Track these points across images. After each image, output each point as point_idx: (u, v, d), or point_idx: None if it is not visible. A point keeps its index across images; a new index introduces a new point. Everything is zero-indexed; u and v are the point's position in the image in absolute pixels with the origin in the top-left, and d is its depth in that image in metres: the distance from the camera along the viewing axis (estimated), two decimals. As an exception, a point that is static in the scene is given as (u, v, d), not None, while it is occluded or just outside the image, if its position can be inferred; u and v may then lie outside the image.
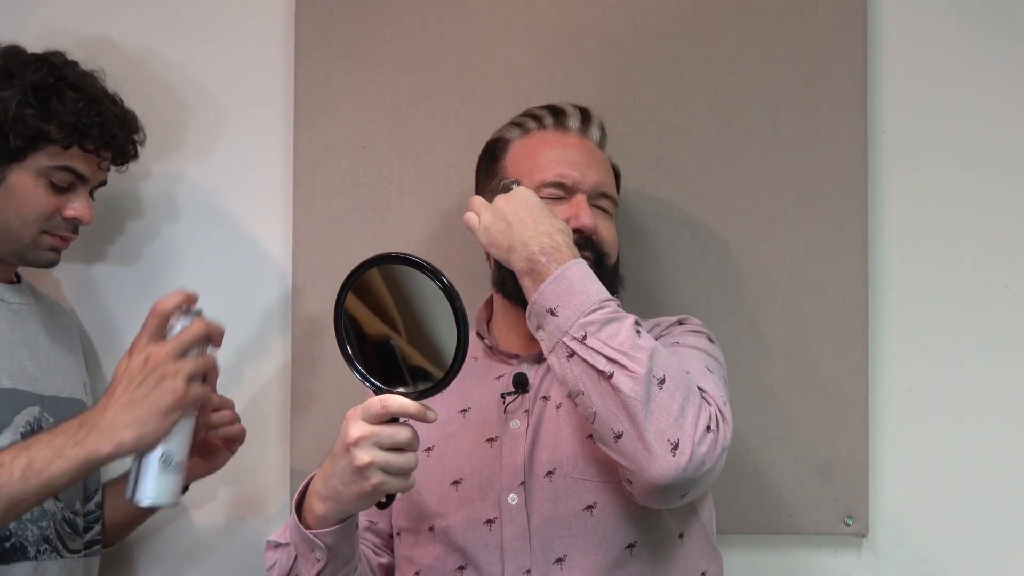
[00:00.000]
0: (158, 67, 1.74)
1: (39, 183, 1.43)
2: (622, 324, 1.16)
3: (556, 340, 1.17)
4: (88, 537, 1.52)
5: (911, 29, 1.70)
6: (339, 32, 1.71)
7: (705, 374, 1.24)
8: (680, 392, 1.12)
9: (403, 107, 1.70)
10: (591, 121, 1.42)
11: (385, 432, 1.07)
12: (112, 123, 1.48)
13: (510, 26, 1.70)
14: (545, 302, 1.19)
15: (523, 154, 1.40)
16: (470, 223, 1.30)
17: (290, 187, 1.71)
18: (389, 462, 1.07)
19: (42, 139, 1.42)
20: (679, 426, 1.11)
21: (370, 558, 1.37)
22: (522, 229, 1.23)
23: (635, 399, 1.11)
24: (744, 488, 1.63)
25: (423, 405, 1.07)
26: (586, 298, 1.17)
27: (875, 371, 1.65)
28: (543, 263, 1.20)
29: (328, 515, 1.14)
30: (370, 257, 1.09)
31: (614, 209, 1.41)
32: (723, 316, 1.64)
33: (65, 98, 1.43)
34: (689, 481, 1.12)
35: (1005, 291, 1.68)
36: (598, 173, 1.38)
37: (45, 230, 1.46)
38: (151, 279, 1.73)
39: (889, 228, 1.68)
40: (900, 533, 1.66)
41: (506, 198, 1.27)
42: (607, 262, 1.36)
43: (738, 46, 1.68)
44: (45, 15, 1.75)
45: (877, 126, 1.69)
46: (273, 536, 1.24)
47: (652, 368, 1.12)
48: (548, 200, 1.34)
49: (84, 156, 1.46)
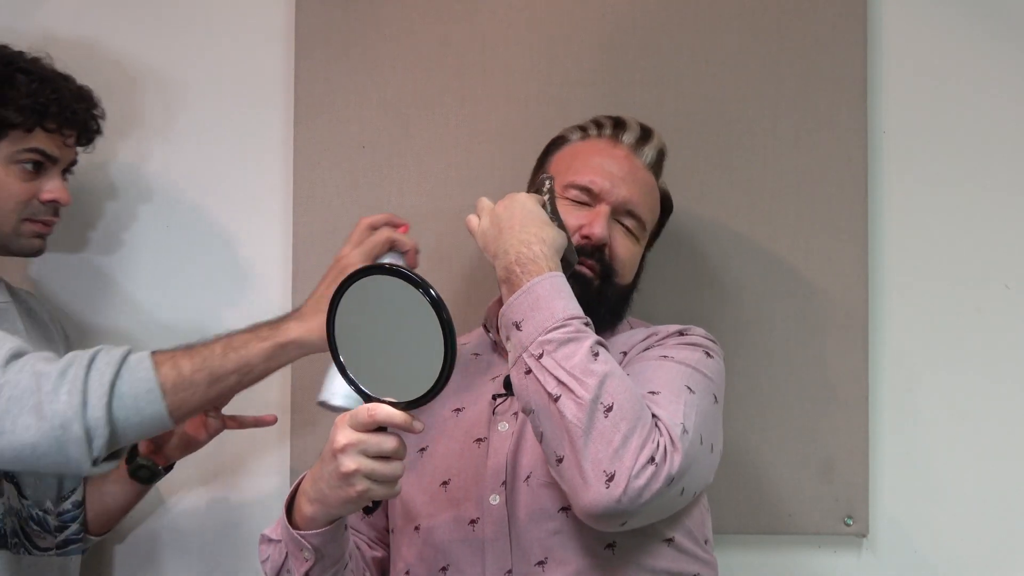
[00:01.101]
0: (158, 67, 1.74)
1: (10, 171, 1.44)
2: (580, 345, 1.15)
3: (517, 355, 1.17)
4: (64, 536, 1.52)
5: (911, 29, 1.70)
6: (339, 32, 1.71)
7: (677, 395, 1.20)
8: (626, 422, 1.11)
9: (403, 107, 1.70)
10: (648, 142, 1.42)
11: (372, 440, 1.07)
12: (69, 99, 1.49)
13: (510, 26, 1.70)
14: (512, 315, 1.19)
15: (570, 154, 1.41)
16: (470, 226, 1.31)
17: (290, 187, 1.71)
18: (375, 470, 1.07)
19: (3, 126, 1.42)
20: (618, 457, 1.10)
21: (364, 551, 1.37)
22: (508, 236, 1.23)
23: (576, 425, 1.11)
24: (744, 488, 1.63)
25: (410, 415, 1.07)
26: (549, 315, 1.17)
27: (875, 371, 1.65)
28: (517, 274, 1.20)
29: (316, 516, 1.15)
30: (361, 267, 1.10)
31: (641, 232, 1.40)
32: (723, 316, 1.64)
33: (17, 82, 1.44)
34: (624, 513, 1.11)
35: (1005, 291, 1.68)
36: (631, 190, 1.37)
37: (25, 217, 1.47)
38: (151, 279, 1.73)
39: (889, 228, 1.68)
40: (900, 533, 1.66)
41: (504, 203, 1.28)
42: (615, 279, 1.35)
43: (738, 46, 1.68)
44: (45, 15, 1.75)
45: (877, 126, 1.69)
46: (267, 531, 1.25)
47: (600, 395, 1.11)
48: (571, 203, 1.35)
49: (48, 136, 1.46)
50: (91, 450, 1.19)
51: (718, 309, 1.65)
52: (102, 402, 1.18)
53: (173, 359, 1.25)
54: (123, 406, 1.20)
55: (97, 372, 1.20)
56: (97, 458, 1.20)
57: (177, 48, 1.75)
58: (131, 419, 1.21)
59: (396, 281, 1.05)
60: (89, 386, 1.19)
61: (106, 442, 1.19)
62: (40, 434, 1.17)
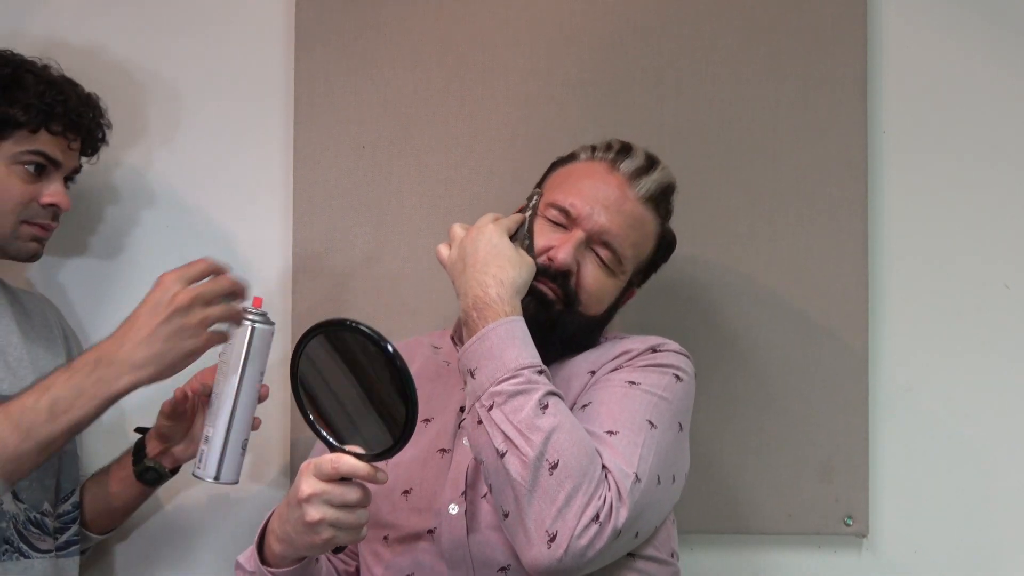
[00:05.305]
0: (157, 67, 1.74)
1: (12, 172, 1.44)
2: (528, 398, 1.14)
3: (471, 404, 1.18)
4: (64, 538, 1.51)
5: (911, 29, 1.70)
6: (339, 31, 1.71)
7: (636, 433, 1.18)
8: (571, 480, 1.11)
9: (403, 107, 1.70)
10: (648, 173, 1.34)
11: (336, 491, 1.06)
12: (75, 103, 1.49)
13: (510, 26, 1.70)
14: (467, 362, 1.19)
15: (567, 173, 1.37)
16: (440, 256, 1.29)
17: (290, 187, 1.71)
18: (339, 519, 1.07)
19: (8, 124, 1.42)
20: (561, 517, 1.10)
21: (337, 566, 1.37)
22: (471, 273, 1.22)
23: (521, 484, 1.11)
24: (744, 488, 1.63)
25: (374, 467, 1.07)
26: (501, 364, 1.16)
27: (875, 371, 1.65)
28: (474, 318, 1.20)
29: (285, 555, 1.15)
30: (321, 322, 1.09)
31: (617, 266, 1.32)
32: (723, 316, 1.64)
33: (25, 82, 1.44)
34: (567, 571, 1.11)
35: (1005, 291, 1.68)
36: (612, 220, 1.30)
37: (24, 219, 1.46)
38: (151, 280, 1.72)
39: (889, 228, 1.68)
40: (900, 533, 1.66)
41: (471, 236, 1.26)
42: (579, 308, 1.30)
43: (738, 46, 1.68)
44: (44, 15, 1.75)
45: (877, 126, 1.69)
46: (241, 558, 1.24)
47: (545, 451, 1.11)
48: (548, 222, 1.32)
49: (53, 139, 1.46)
50: None
51: (718, 309, 1.64)
52: None
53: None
54: None
55: None
56: None
57: (176, 48, 1.75)
58: None
59: (355, 336, 1.05)
60: None
61: None
62: None
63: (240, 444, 1.24)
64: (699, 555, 1.65)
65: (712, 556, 1.66)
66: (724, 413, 1.64)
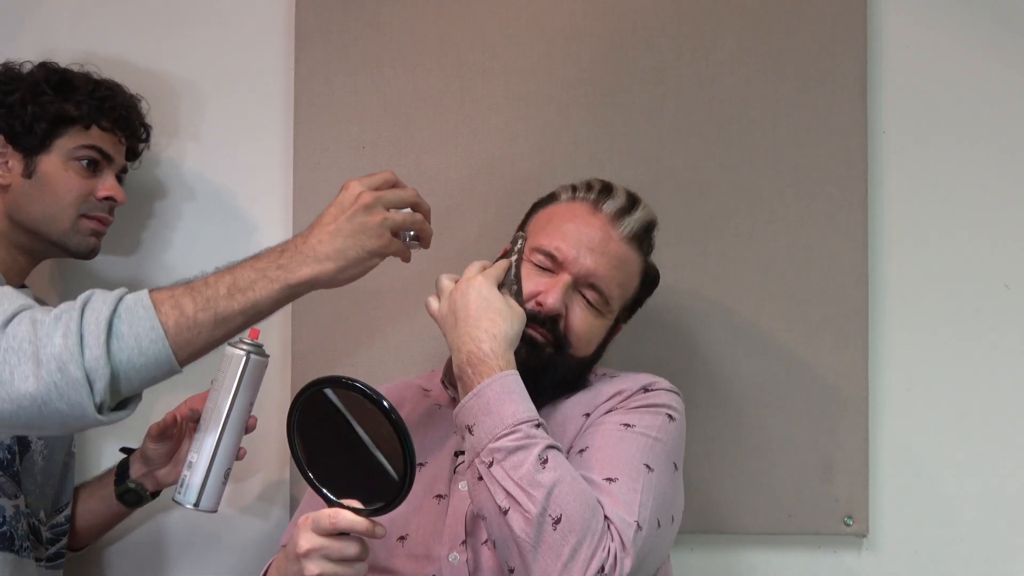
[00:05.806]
0: (157, 67, 1.74)
1: (69, 167, 1.49)
2: (528, 453, 1.14)
3: (471, 460, 1.18)
4: (54, 550, 1.52)
5: (911, 28, 1.70)
6: (339, 31, 1.71)
7: (635, 479, 1.19)
8: (575, 533, 1.11)
9: (403, 107, 1.70)
10: (630, 213, 1.35)
11: (334, 546, 1.07)
12: (123, 101, 1.55)
13: (510, 26, 1.70)
14: (464, 418, 1.19)
15: (548, 215, 1.37)
16: (430, 309, 1.29)
17: (290, 187, 1.71)
18: (338, 574, 1.07)
19: (64, 121, 1.48)
20: (566, 571, 1.10)
21: None
22: (464, 328, 1.22)
23: (525, 540, 1.12)
24: (744, 488, 1.63)
25: (372, 522, 1.07)
26: (499, 420, 1.16)
27: (875, 371, 1.65)
28: (469, 375, 1.20)
29: None
30: (317, 379, 1.09)
31: (604, 307, 1.33)
32: (723, 316, 1.64)
33: (76, 82, 1.51)
34: None
35: (1005, 291, 1.68)
36: (597, 262, 1.31)
37: (83, 213, 1.51)
38: (151, 279, 1.73)
39: (889, 228, 1.68)
40: (900, 533, 1.66)
41: (461, 289, 1.25)
42: (569, 350, 1.31)
43: (738, 46, 1.68)
44: (43, 15, 1.75)
45: (877, 125, 1.69)
46: None
47: (547, 507, 1.11)
48: (535, 267, 1.32)
49: (104, 135, 1.52)
50: (93, 394, 1.11)
51: (718, 309, 1.64)
52: (99, 341, 1.11)
53: (173, 298, 1.16)
54: (123, 347, 1.12)
55: (92, 312, 1.13)
56: (101, 404, 1.12)
57: (176, 48, 1.75)
58: (133, 361, 1.13)
59: (352, 392, 1.06)
60: (85, 326, 1.12)
61: (107, 384, 1.11)
62: (39, 381, 1.10)
63: (223, 473, 1.22)
64: (699, 555, 1.65)
65: (712, 556, 1.66)
66: (724, 413, 1.64)
